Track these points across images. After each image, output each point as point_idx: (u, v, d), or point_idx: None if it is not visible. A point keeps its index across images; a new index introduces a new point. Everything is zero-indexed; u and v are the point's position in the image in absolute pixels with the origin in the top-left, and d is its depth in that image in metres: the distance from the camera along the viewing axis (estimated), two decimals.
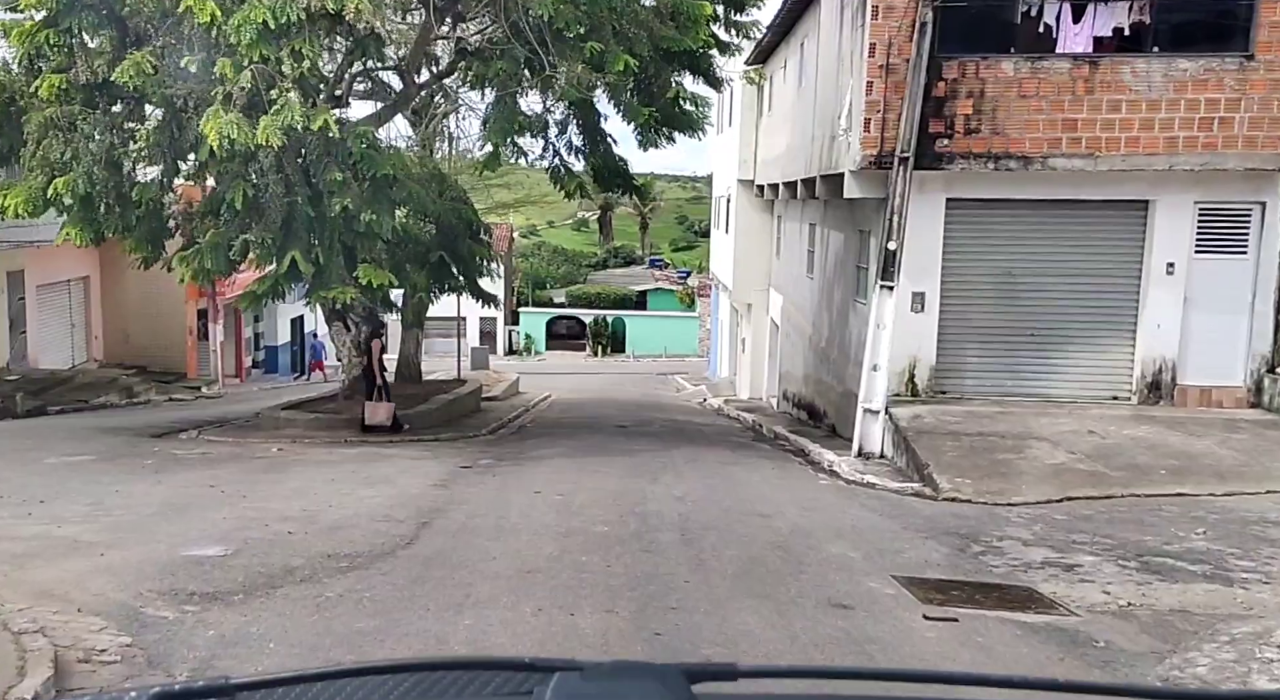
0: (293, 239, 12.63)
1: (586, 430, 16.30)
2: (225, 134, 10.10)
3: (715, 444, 14.71)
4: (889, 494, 10.23)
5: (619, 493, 9.15)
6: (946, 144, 12.41)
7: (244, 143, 10.23)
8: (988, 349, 13.20)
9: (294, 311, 31.78)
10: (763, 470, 11.75)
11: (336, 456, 11.85)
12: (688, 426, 17.71)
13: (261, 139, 10.27)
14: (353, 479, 9.86)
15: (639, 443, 14.14)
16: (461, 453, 12.60)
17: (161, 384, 24.55)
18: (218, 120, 10.11)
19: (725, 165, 26.89)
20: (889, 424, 12.42)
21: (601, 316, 46.63)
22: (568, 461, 11.66)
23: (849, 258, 15.26)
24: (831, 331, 16.42)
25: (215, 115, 10.18)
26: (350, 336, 15.46)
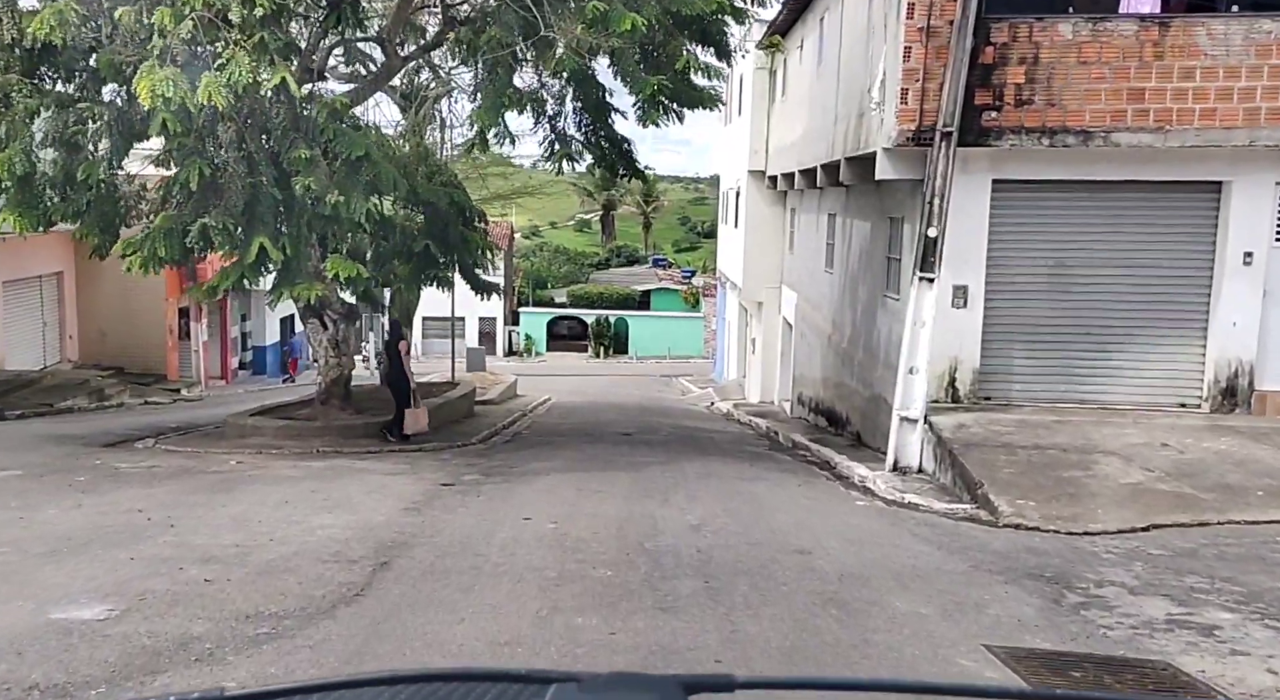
0: (258, 225, 11.08)
1: (587, 438, 14.74)
2: (160, 92, 8.53)
3: (729, 454, 13.14)
4: (939, 519, 8.67)
5: (624, 520, 7.58)
6: (994, 117, 10.84)
7: (181, 101, 8.65)
8: (1038, 349, 11.62)
9: (285, 310, 30.18)
10: (788, 488, 10.18)
11: (300, 471, 10.29)
12: (697, 434, 16.14)
13: (203, 98, 8.70)
14: (310, 501, 8.30)
15: (645, 454, 12.58)
16: (445, 466, 11.04)
17: (138, 386, 23.02)
18: (151, 77, 8.54)
19: (734, 157, 25.34)
20: (929, 434, 10.85)
21: (604, 317, 45.03)
22: (564, 477, 10.09)
23: (876, 249, 13.69)
24: (855, 330, 14.85)
25: (149, 72, 8.61)
26: (328, 335, 13.90)
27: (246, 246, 10.71)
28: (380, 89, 13.79)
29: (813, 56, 16.86)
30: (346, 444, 12.60)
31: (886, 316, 13.02)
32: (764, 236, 22.70)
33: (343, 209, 11.00)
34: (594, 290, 48.78)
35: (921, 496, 9.70)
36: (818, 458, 13.05)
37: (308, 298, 11.53)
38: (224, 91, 8.71)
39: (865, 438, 13.91)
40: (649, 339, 44.30)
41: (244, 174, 10.80)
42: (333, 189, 11.03)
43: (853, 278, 15.19)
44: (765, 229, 22.69)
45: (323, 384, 14.11)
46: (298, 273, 11.35)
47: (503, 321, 44.55)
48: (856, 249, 14.99)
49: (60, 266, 23.06)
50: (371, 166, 11.68)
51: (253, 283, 11.42)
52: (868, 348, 13.96)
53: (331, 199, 10.93)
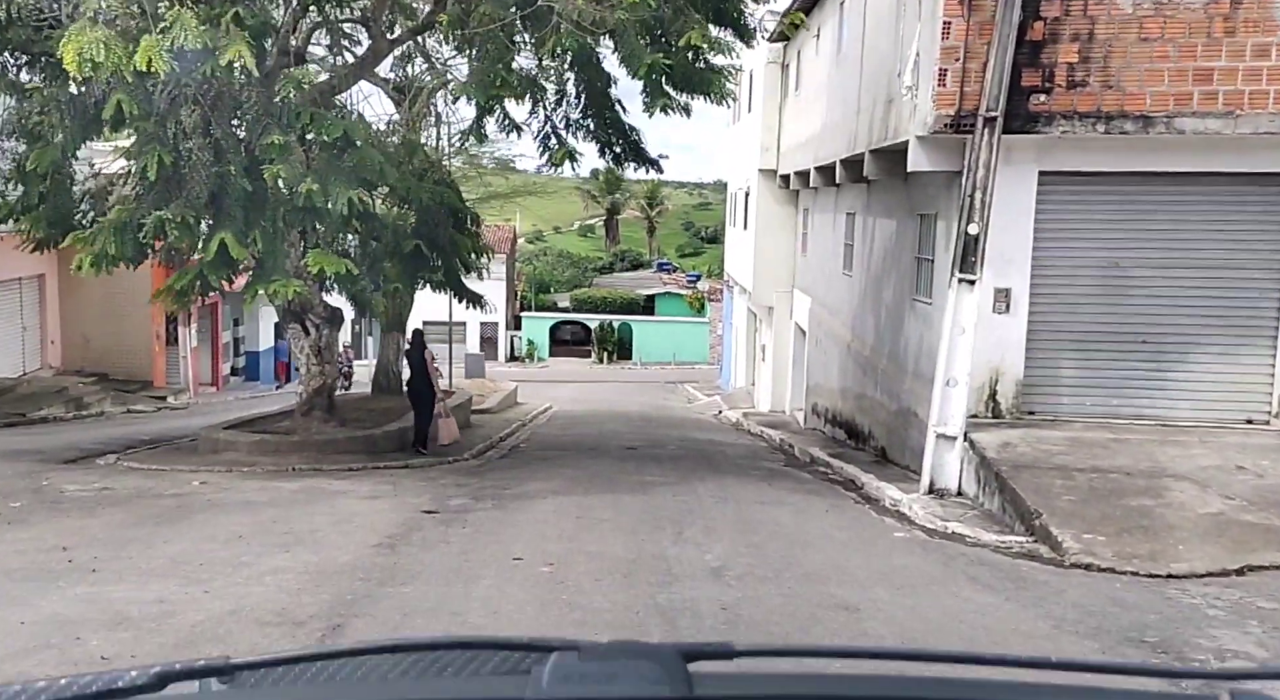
0: (224, 219, 9.90)
1: (589, 453, 13.53)
2: (89, 57, 7.33)
3: (745, 472, 11.93)
4: (993, 555, 7.46)
5: (632, 561, 6.37)
6: (1044, 101, 9.64)
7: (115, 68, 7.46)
8: (1088, 360, 10.40)
9: (274, 314, 29.04)
10: (814, 514, 8.97)
11: (267, 494, 9.09)
12: (708, 448, 14.94)
13: (141, 62, 7.50)
14: (268, 535, 7.10)
15: (653, 471, 11.37)
16: (431, 487, 9.84)
17: (122, 394, 21.84)
18: (79, 39, 7.35)
19: (742, 156, 24.16)
20: (969, 454, 9.65)
21: (607, 322, 43.79)
22: (564, 502, 8.89)
23: (904, 249, 12.48)
24: (879, 338, 13.64)
25: (78, 33, 7.41)
26: (310, 341, 12.71)
27: (208, 243, 9.52)
28: (366, 75, 12.61)
29: (831, 45, 15.67)
30: (326, 460, 11.40)
31: (916, 322, 11.82)
32: (775, 238, 21.51)
33: (318, 199, 9.84)
34: (597, 294, 47.50)
35: (967, 525, 8.49)
36: (841, 476, 11.84)
37: (284, 297, 10.34)
38: (166, 57, 7.51)
39: (891, 454, 12.70)
40: (653, 344, 43.06)
41: (209, 163, 9.62)
42: (308, 178, 9.88)
43: (875, 281, 13.98)
44: (776, 231, 21.51)
45: (304, 394, 12.92)
46: (273, 270, 10.17)
47: (505, 326, 43.34)
48: (880, 250, 13.79)
49: (41, 268, 21.86)
50: (354, 153, 10.53)
51: (216, 283, 10.23)
52: (894, 357, 12.76)
53: (304, 188, 9.77)
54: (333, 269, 10.17)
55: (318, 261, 10.16)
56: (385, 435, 12.44)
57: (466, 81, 11.12)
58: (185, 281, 10.11)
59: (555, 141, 11.85)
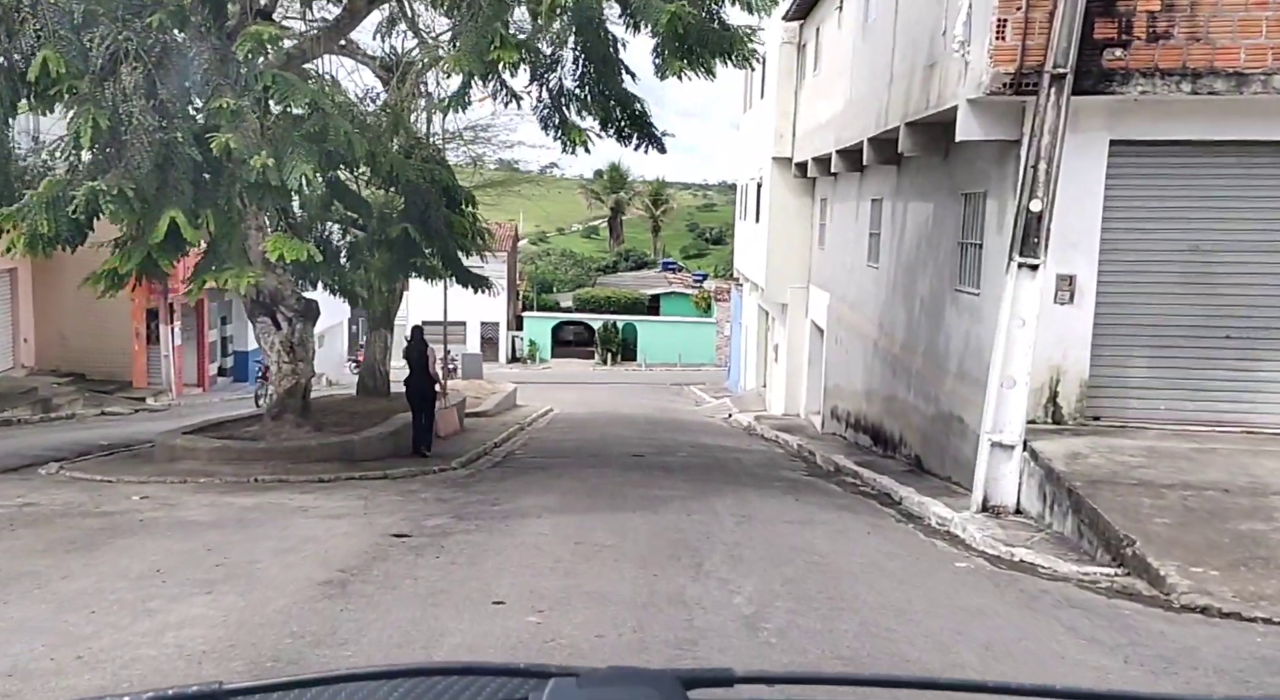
0: (171, 193, 8.56)
1: (591, 461, 12.17)
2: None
3: (765, 484, 10.56)
4: (1080, 592, 6.10)
5: (643, 607, 5.01)
6: (1119, 56, 8.27)
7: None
8: (1163, 357, 9.02)
9: None
10: (854, 536, 7.60)
11: (214, 513, 7.74)
12: (721, 455, 13.57)
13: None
14: (192, 569, 5.75)
15: (663, 484, 10.02)
16: (408, 502, 8.48)
17: (99, 394, 20.54)
18: None
19: (754, 145, 22.81)
20: (1030, 465, 8.28)
21: (611, 322, 42.39)
22: (560, 523, 7.52)
23: (943, 234, 11.12)
24: (911, 334, 12.28)
25: None
26: (281, 336, 11.37)
27: (153, 221, 8.18)
28: (342, 39, 11.26)
29: (856, 14, 14.30)
30: (295, 470, 10.06)
31: (960, 316, 10.45)
32: (789, 231, 20.14)
33: (272, 175, 8.50)
34: (601, 294, 46.08)
35: (1037, 552, 7.12)
36: (874, 489, 10.47)
37: (241, 287, 9.00)
38: None
39: (927, 463, 11.33)
40: (659, 345, 41.67)
41: (152, 127, 8.28)
42: (261, 149, 8.53)
43: (907, 271, 12.61)
44: (791, 223, 20.14)
45: (274, 395, 11.59)
46: (228, 255, 8.83)
47: (506, 326, 41.99)
48: (913, 236, 12.42)
49: (14, 262, 20.56)
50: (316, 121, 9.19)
51: (168, 267, 8.89)
52: (931, 355, 11.39)
53: (258, 161, 8.43)
54: (293, 255, 8.83)
55: (277, 247, 8.82)
56: (364, 441, 11.09)
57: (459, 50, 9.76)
58: (130, 264, 8.76)
59: (558, 119, 10.48)
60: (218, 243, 8.82)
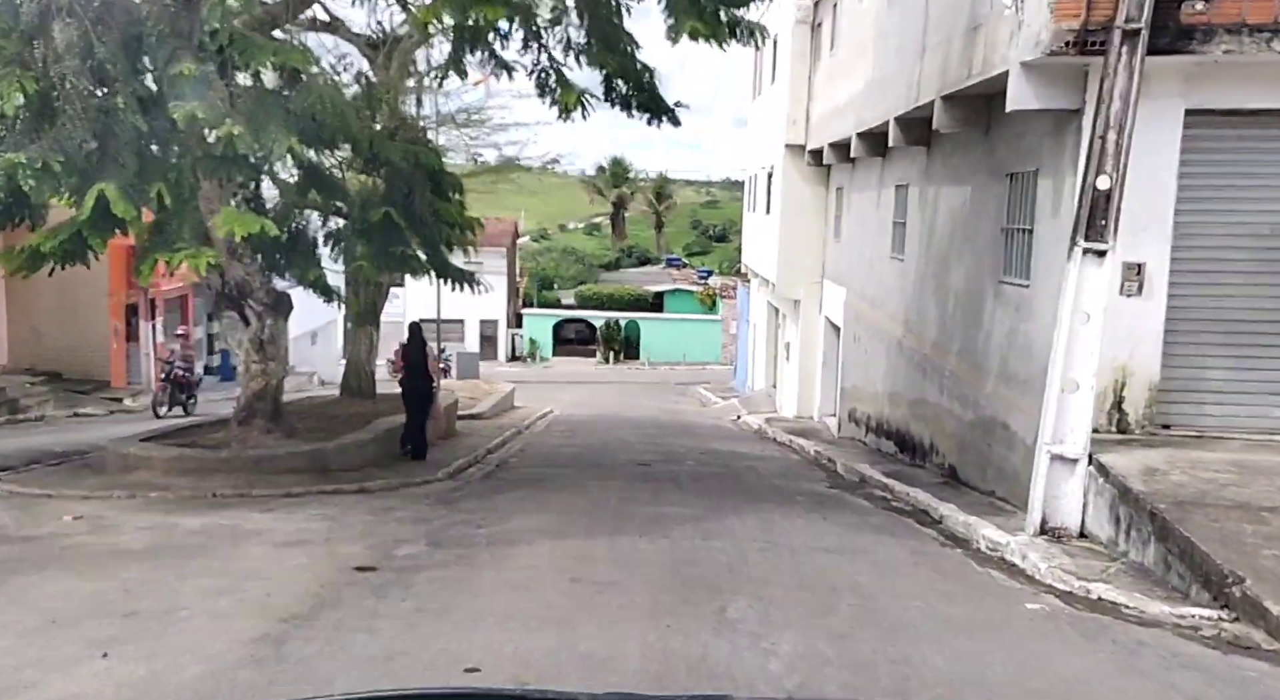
0: (111, 166, 7.45)
1: (592, 471, 11.06)
2: None
3: (787, 499, 9.45)
4: (1181, 641, 5.01)
5: (655, 677, 3.90)
6: (1200, 10, 7.15)
7: None
8: (1245, 357, 7.90)
9: None
10: (899, 569, 6.50)
11: (154, 537, 6.65)
12: (735, 463, 12.47)
13: None
14: (103, 616, 4.67)
15: (672, 497, 8.92)
16: (380, 524, 7.38)
17: (74, 395, 19.43)
18: None
19: (765, 133, 21.69)
20: (1098, 482, 7.18)
21: (614, 320, 41.23)
22: (555, 552, 6.42)
23: (983, 220, 9.99)
24: (944, 331, 11.16)
25: None
26: (250, 332, 10.27)
27: (83, 196, 7.08)
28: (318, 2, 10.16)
29: None
30: (260, 482, 8.95)
31: (1003, 310, 9.33)
32: (803, 223, 19.01)
33: (241, 146, 7.42)
34: (603, 291, 44.90)
35: (1117, 588, 6.01)
36: (908, 504, 9.35)
37: (200, 267, 7.93)
38: None
39: (964, 473, 10.22)
40: (663, 343, 40.53)
41: (87, 93, 7.16)
42: (228, 120, 7.45)
43: (939, 262, 11.49)
44: (804, 214, 19.01)
45: (242, 398, 10.48)
46: (179, 234, 7.73)
47: (505, 324, 40.87)
48: (946, 224, 11.29)
49: None
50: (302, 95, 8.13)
51: (99, 247, 7.79)
52: (968, 354, 10.27)
53: (225, 130, 7.35)
54: (245, 229, 7.73)
55: (228, 221, 7.72)
56: (340, 449, 9.97)
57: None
58: (53, 243, 7.64)
59: (555, 81, 9.35)
60: (170, 220, 7.72)
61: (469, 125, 17.58)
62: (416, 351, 11.72)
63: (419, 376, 11.82)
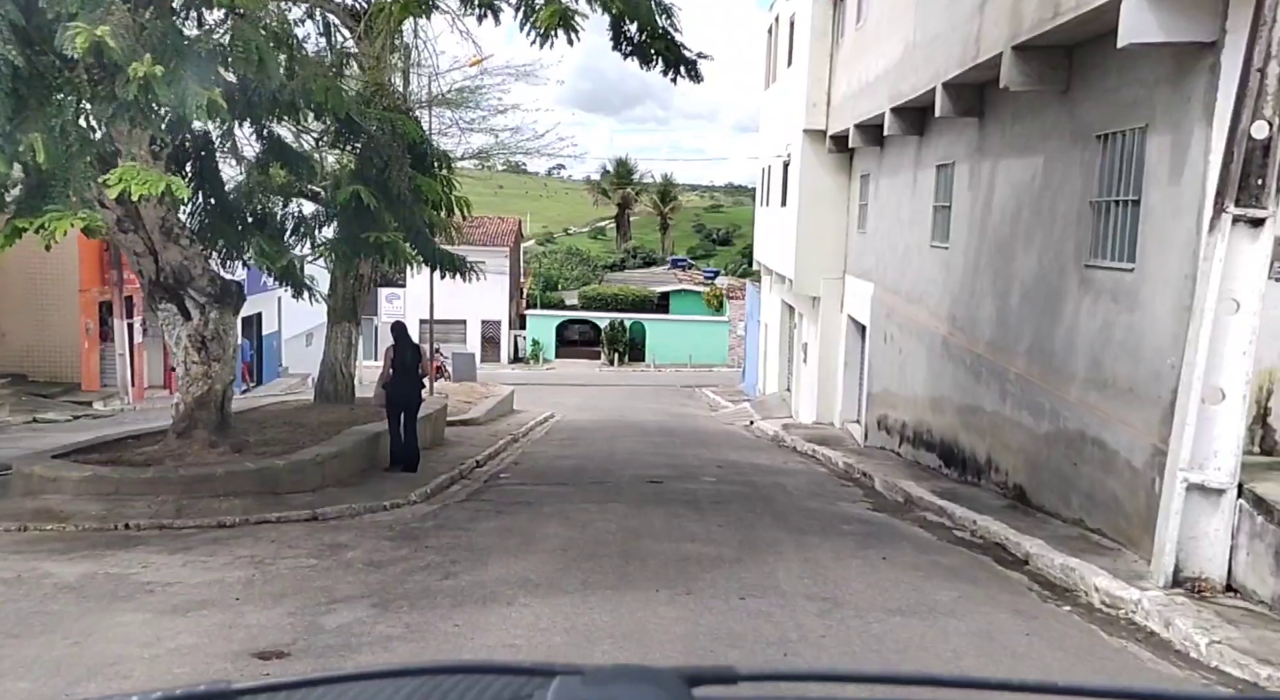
0: None
1: (595, 491, 9.24)
2: None
3: (830, 528, 7.62)
4: None
5: None
6: None
7: None
8: None
9: (247, 308, 24.85)
10: (1010, 644, 4.68)
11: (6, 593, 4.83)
12: (758, 478, 10.65)
13: None
14: None
15: (693, 531, 7.11)
16: (319, 574, 5.58)
17: (39, 398, 17.68)
18: None
19: (780, 121, 19.89)
20: (1254, 520, 5.37)
21: (618, 320, 39.41)
22: (540, 620, 4.62)
23: (1062, 193, 8.17)
24: (1007, 327, 9.34)
25: None
26: (190, 328, 8.49)
27: None
28: None
29: None
30: (188, 509, 7.16)
31: (1094, 301, 7.51)
32: (823, 214, 17.20)
33: (163, 92, 5.65)
34: (608, 291, 43.02)
35: None
36: (976, 534, 7.53)
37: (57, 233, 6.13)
38: None
39: (1037, 496, 8.39)
40: (668, 345, 38.70)
41: None
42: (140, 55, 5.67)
43: (997, 248, 9.67)
44: (825, 205, 17.19)
45: (181, 406, 8.68)
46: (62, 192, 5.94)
47: (508, 325, 39.05)
48: (1007, 203, 9.47)
49: None
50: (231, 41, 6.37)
51: None
52: (1042, 354, 8.44)
53: (137, 69, 5.58)
54: (143, 190, 5.94)
55: (124, 178, 5.93)
56: (294, 467, 8.16)
57: None
58: None
59: None
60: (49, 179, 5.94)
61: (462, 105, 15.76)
62: (409, 352, 10.01)
63: (410, 381, 10.11)
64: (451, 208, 10.30)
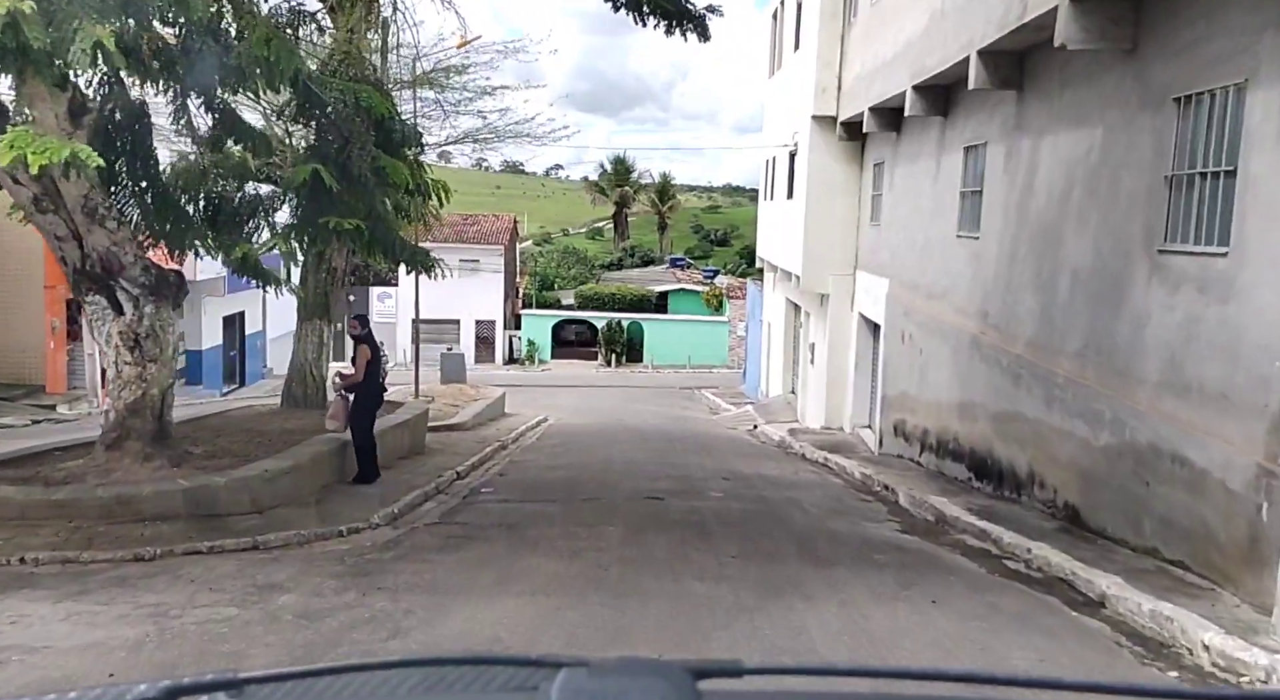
0: None
1: (587, 511, 8.06)
2: None
3: (861, 558, 6.45)
4: None
5: None
6: None
7: None
8: None
9: (228, 307, 23.73)
10: None
11: None
12: (770, 493, 9.48)
13: None
14: None
15: (702, 563, 5.94)
16: (236, 628, 4.40)
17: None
18: None
19: (786, 110, 18.73)
20: None
21: (615, 320, 38.19)
22: None
23: (1128, 168, 7.00)
24: (1054, 324, 8.18)
25: None
26: (121, 324, 7.31)
27: None
28: None
29: None
30: (102, 538, 5.99)
31: (1173, 291, 6.34)
32: (833, 206, 16.04)
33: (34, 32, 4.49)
34: (605, 290, 41.76)
35: None
36: (1030, 564, 6.36)
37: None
38: None
39: (1094, 519, 7.23)
40: (666, 345, 37.49)
41: None
42: None
43: (1042, 235, 8.50)
44: (834, 196, 16.04)
45: (111, 414, 7.50)
46: None
47: (503, 325, 37.83)
48: (1055, 183, 8.29)
49: None
50: None
51: None
52: (1102, 353, 7.28)
53: (2, 5, 4.41)
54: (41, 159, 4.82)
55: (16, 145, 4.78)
56: (237, 486, 6.97)
57: None
58: None
59: None
60: None
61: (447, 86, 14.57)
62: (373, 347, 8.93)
63: (379, 382, 9.06)
64: (427, 192, 9.13)
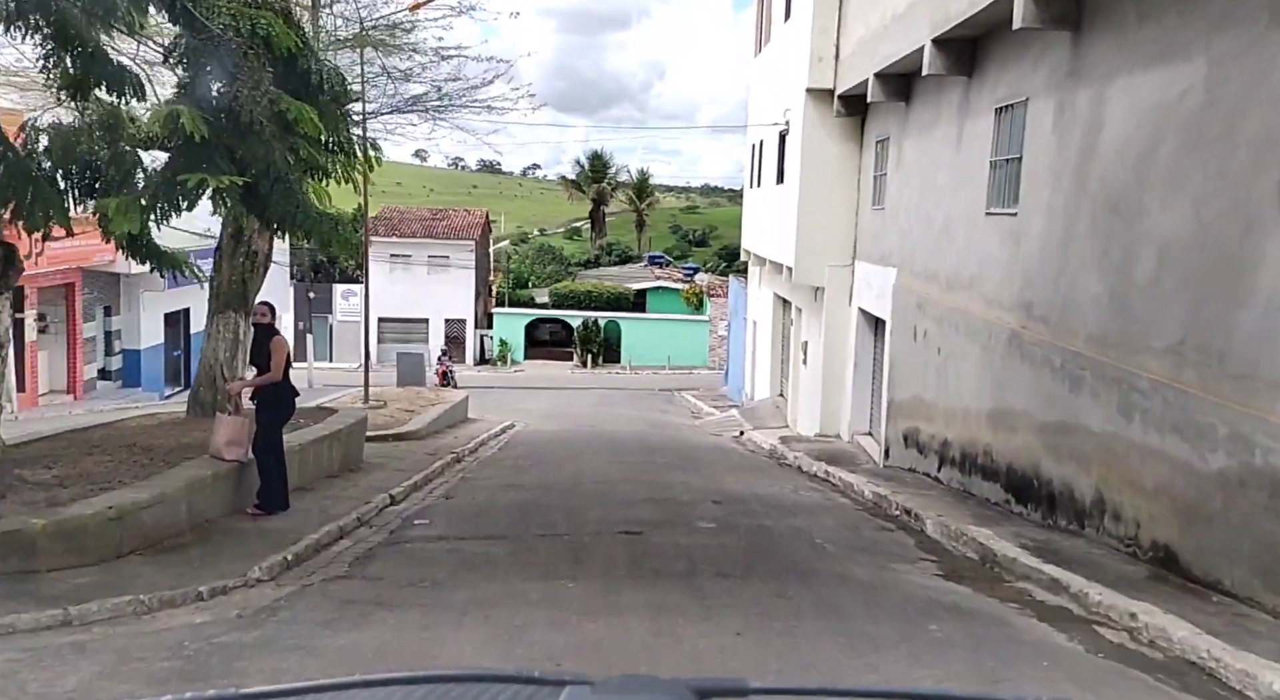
0: None
1: (544, 553, 6.24)
2: None
3: (910, 631, 4.67)
4: None
5: None
6: None
7: None
8: None
9: (171, 303, 21.69)
10: None
11: None
12: (771, 521, 7.70)
13: None
14: None
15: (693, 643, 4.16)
16: None
17: None
18: None
19: (775, 87, 17.00)
20: None
21: (592, 320, 36.33)
22: None
23: (1245, 111, 5.28)
24: (1132, 313, 6.46)
25: None
26: None
27: None
28: None
29: None
30: None
31: None
32: (829, 190, 14.33)
33: None
34: (580, 289, 39.83)
35: None
36: (1138, 636, 4.63)
37: None
38: None
39: (1196, 562, 5.51)
40: (645, 345, 35.66)
41: None
42: None
43: (1108, 205, 6.78)
44: (830, 179, 14.33)
45: None
46: None
47: (474, 324, 35.87)
48: (1130, 140, 6.56)
49: None
50: None
51: None
52: (1205, 351, 5.56)
53: None
54: None
55: None
56: (62, 529, 5.08)
57: None
58: None
59: None
60: None
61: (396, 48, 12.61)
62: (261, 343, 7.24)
63: (285, 387, 7.38)
64: (350, 149, 7.28)
